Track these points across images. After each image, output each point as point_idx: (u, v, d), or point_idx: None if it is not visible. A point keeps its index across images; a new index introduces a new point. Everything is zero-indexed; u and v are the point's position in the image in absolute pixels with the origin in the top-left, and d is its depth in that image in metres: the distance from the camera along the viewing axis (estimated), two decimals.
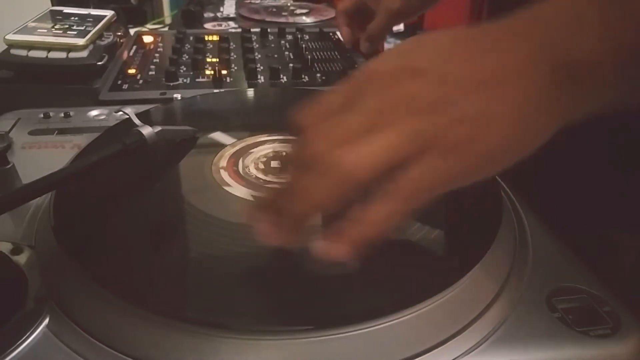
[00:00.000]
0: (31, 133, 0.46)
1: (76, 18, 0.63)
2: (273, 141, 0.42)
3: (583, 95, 0.25)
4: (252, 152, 0.40)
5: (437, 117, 0.23)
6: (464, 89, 0.24)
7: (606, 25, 0.24)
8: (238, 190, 0.36)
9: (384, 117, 0.24)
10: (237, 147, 0.41)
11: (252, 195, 0.35)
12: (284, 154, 0.39)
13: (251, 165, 0.38)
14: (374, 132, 0.23)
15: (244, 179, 0.37)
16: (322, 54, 0.70)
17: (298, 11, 0.97)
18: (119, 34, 0.68)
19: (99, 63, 0.58)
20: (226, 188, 0.36)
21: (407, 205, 0.24)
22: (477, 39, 0.26)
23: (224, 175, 0.37)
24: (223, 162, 0.39)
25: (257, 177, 0.37)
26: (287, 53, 0.70)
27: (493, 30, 0.26)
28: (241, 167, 0.38)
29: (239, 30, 0.81)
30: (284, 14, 0.95)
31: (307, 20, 0.93)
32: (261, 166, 0.38)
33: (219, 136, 0.43)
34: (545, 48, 0.25)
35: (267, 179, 0.37)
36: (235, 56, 0.67)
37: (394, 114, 0.24)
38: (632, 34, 0.24)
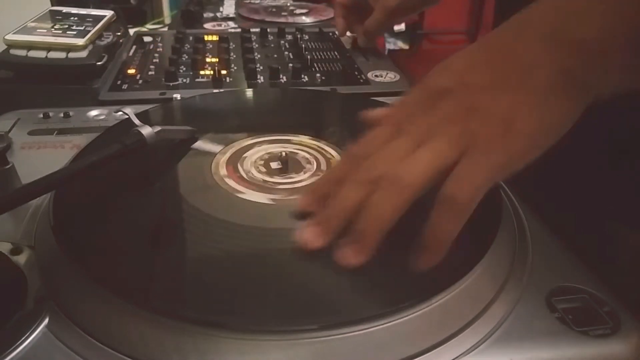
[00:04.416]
0: (31, 133, 0.46)
1: (76, 18, 0.63)
2: (261, 143, 0.42)
3: (601, 74, 0.27)
4: (246, 157, 0.40)
5: (469, 122, 0.27)
6: (487, 94, 0.27)
7: (612, 7, 0.26)
8: (253, 196, 0.35)
9: (426, 135, 0.28)
10: (228, 154, 0.40)
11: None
12: (283, 154, 0.39)
13: (253, 170, 0.38)
14: (420, 148, 0.27)
15: (253, 184, 0.36)
16: (321, 54, 0.70)
17: (298, 11, 0.97)
18: (119, 34, 0.68)
19: (99, 63, 0.58)
20: (241, 196, 0.35)
21: (458, 207, 0.26)
22: (490, 46, 0.29)
23: (231, 183, 0.36)
24: (223, 170, 0.38)
25: (264, 180, 0.37)
26: (286, 53, 0.70)
27: (504, 32, 0.29)
28: (243, 172, 0.38)
29: (239, 30, 0.81)
30: (283, 14, 0.95)
31: (307, 20, 0.93)
32: (263, 169, 0.38)
33: (203, 145, 0.42)
34: (557, 33, 0.27)
35: (275, 180, 0.37)
36: (234, 56, 0.67)
37: (434, 131, 0.28)
38: (622, 19, 0.26)
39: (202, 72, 0.62)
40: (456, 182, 0.26)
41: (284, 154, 0.39)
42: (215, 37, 0.75)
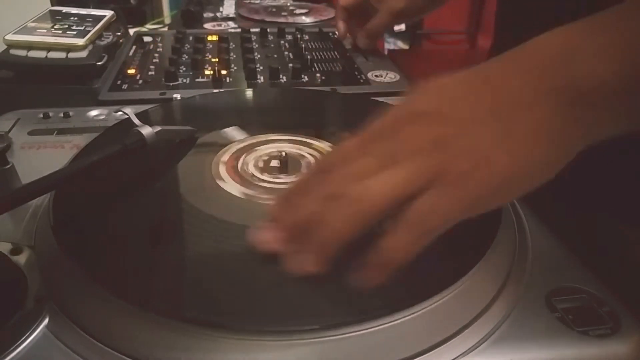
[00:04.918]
0: (31, 133, 0.46)
1: (76, 18, 0.63)
2: (280, 141, 0.42)
3: (591, 123, 0.26)
4: (256, 150, 0.40)
5: (439, 153, 0.25)
6: (463, 126, 0.26)
7: (603, 51, 0.25)
8: (230, 186, 0.36)
9: (394, 158, 0.26)
10: (244, 144, 0.42)
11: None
12: (283, 154, 0.39)
13: (251, 163, 0.39)
14: (384, 170, 0.26)
15: (240, 176, 0.37)
16: (321, 54, 0.70)
17: (298, 11, 0.97)
18: (119, 34, 0.68)
19: (99, 63, 0.58)
20: (219, 182, 0.36)
21: (417, 234, 0.25)
22: (476, 78, 0.27)
23: (222, 169, 0.38)
24: (225, 157, 0.39)
25: (253, 175, 0.37)
26: (286, 53, 0.70)
27: (492, 67, 0.28)
28: (241, 163, 0.39)
29: (239, 30, 0.81)
30: (283, 14, 0.95)
31: (307, 20, 0.93)
32: (260, 164, 0.39)
33: (233, 131, 0.43)
34: (545, 77, 0.25)
35: (263, 177, 0.37)
36: (234, 56, 0.67)
37: (402, 155, 0.26)
38: (632, 59, 0.24)
39: (202, 72, 0.62)
40: (413, 212, 0.25)
41: (283, 154, 0.39)
42: (215, 37, 0.75)
